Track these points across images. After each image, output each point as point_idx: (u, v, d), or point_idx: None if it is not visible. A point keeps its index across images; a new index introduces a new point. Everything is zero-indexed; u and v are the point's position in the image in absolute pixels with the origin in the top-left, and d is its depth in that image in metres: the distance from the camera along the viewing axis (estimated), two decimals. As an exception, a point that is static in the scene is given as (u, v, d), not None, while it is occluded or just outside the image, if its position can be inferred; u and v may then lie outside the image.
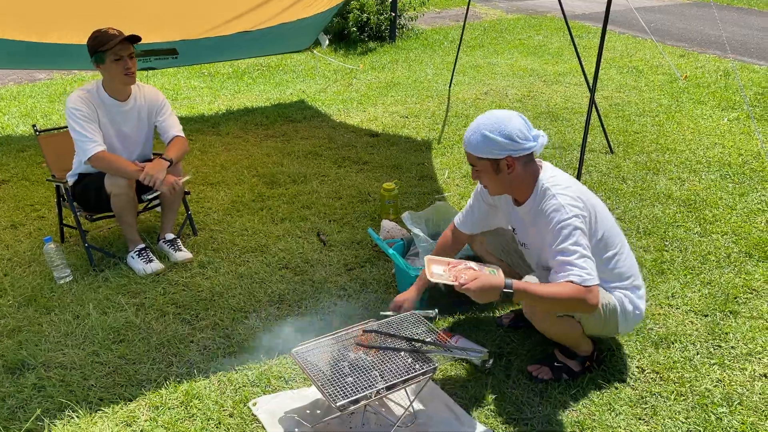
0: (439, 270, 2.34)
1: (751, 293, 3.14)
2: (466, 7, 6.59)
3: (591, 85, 4.29)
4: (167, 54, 5.52)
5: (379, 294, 3.16)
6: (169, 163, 3.25)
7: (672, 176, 4.52)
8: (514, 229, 2.58)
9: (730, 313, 2.98)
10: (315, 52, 8.07)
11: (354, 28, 8.62)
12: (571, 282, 2.13)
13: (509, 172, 2.29)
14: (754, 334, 2.82)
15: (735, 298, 3.09)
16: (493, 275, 2.28)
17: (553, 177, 2.35)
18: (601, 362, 2.60)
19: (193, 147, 5.16)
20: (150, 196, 3.39)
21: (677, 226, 3.82)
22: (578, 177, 4.11)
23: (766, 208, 4.03)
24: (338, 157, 4.93)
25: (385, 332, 2.36)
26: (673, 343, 2.76)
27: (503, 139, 2.21)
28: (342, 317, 2.97)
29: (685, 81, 7.01)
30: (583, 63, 5.27)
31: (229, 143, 5.26)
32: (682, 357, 2.68)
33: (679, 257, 3.48)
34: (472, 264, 2.38)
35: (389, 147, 5.15)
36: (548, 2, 13.26)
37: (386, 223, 3.50)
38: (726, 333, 2.83)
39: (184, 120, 5.80)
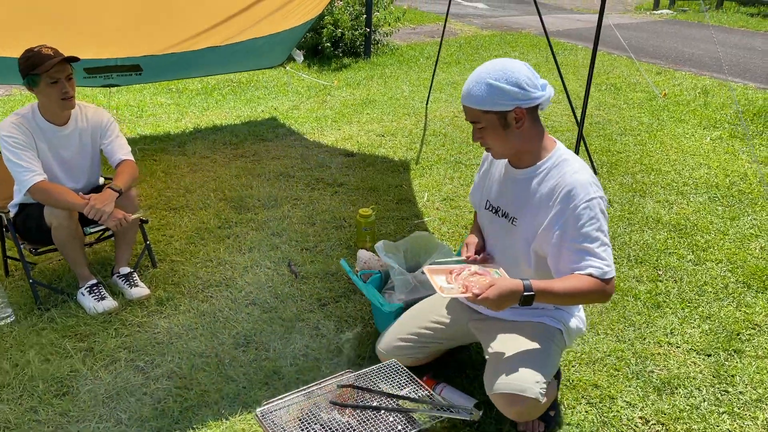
0: (443, 282, 2.04)
1: (754, 329, 2.94)
2: (442, 23, 6.39)
3: (579, 119, 4.14)
4: (130, 70, 5.21)
5: (356, 334, 2.88)
6: (118, 194, 2.93)
7: (659, 199, 4.34)
8: (491, 204, 2.24)
9: (735, 352, 2.77)
10: (287, 68, 7.81)
11: (328, 44, 8.39)
12: (590, 275, 1.93)
13: (518, 127, 1.99)
14: (762, 377, 2.61)
15: (737, 334, 2.89)
16: (508, 279, 1.99)
17: (569, 153, 2.10)
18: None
19: (157, 168, 4.84)
20: (94, 230, 3.07)
21: (669, 253, 3.62)
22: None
23: (758, 233, 3.86)
24: (311, 179, 4.66)
25: (362, 387, 2.09)
26: (677, 389, 2.54)
27: (511, 87, 1.92)
28: (315, 364, 2.69)
29: (665, 98, 6.90)
30: (561, 81, 5.09)
31: (196, 163, 4.96)
32: (688, 405, 2.45)
33: (674, 288, 3.27)
34: (475, 268, 2.10)
35: (365, 168, 4.89)
36: (522, 19, 13.23)
37: (363, 254, 3.23)
38: (732, 376, 2.61)
39: (148, 139, 5.49)
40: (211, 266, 3.46)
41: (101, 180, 3.32)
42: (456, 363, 2.64)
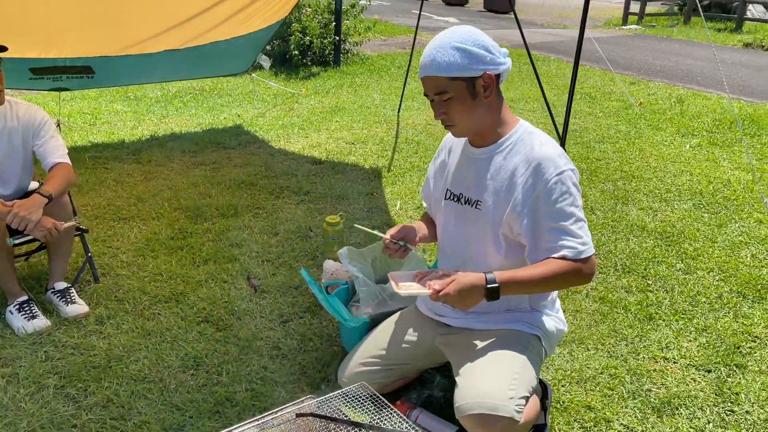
0: (407, 283, 1.86)
1: (755, 341, 2.71)
2: (413, 34, 6.17)
3: (562, 131, 3.96)
4: (81, 72, 4.85)
5: (321, 353, 2.57)
6: (47, 200, 2.57)
7: (643, 206, 4.13)
8: (451, 192, 2.01)
9: (737, 367, 2.53)
10: (254, 75, 7.51)
11: (296, 52, 8.12)
12: (564, 258, 1.75)
13: (486, 96, 1.81)
14: (770, 394, 2.37)
15: (737, 347, 2.66)
16: (470, 273, 1.78)
17: (534, 128, 1.92)
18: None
19: (107, 176, 4.48)
20: (19, 241, 2.70)
21: (658, 262, 3.40)
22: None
23: (748, 240, 3.67)
24: (276, 187, 4.35)
25: (325, 416, 1.78)
26: (677, 409, 2.28)
27: (479, 50, 1.76)
28: (273, 388, 2.37)
29: (640, 107, 6.78)
30: (532, 91, 4.89)
31: (150, 172, 4.61)
32: (691, 427, 2.19)
33: (666, 299, 3.04)
34: (444, 271, 1.87)
35: (334, 175, 4.60)
36: (494, 33, 13.16)
37: (329, 264, 2.93)
38: (736, 393, 2.37)
39: (100, 146, 5.12)
40: (161, 280, 3.12)
41: (34, 185, 2.97)
42: (433, 384, 2.34)
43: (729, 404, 2.32)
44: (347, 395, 1.89)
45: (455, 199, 1.99)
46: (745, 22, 14.19)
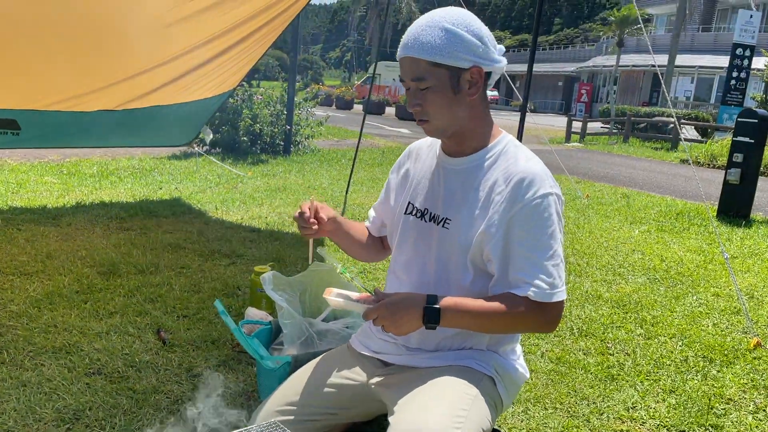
0: (339, 300, 1.54)
1: (728, 403, 2.41)
2: (366, 139, 6.16)
3: None
4: (5, 127, 4.52)
5: (232, 408, 2.14)
6: None
7: (596, 278, 3.93)
8: (415, 207, 1.68)
9: (712, 427, 2.21)
10: (200, 151, 7.30)
11: (245, 138, 8.01)
12: (527, 297, 1.44)
13: (471, 94, 1.52)
14: (755, 455, 2.05)
15: (711, 408, 2.35)
16: (409, 292, 1.49)
17: (520, 143, 1.62)
18: None
19: (19, 235, 4.04)
20: None
21: (616, 327, 3.14)
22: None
23: (708, 311, 3.46)
24: (206, 251, 3.98)
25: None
26: (653, 470, 1.93)
27: (472, 38, 1.47)
28: (167, 442, 1.91)
29: (588, 199, 6.81)
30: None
31: (68, 234, 4.19)
32: (671, 489, 1.83)
33: (628, 361, 2.74)
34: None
35: (272, 242, 4.28)
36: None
37: (252, 312, 2.55)
38: (717, 453, 2.04)
39: (17, 210, 4.71)
40: (54, 332, 2.66)
41: None
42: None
43: (710, 466, 1.98)
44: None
45: (418, 215, 1.68)
46: (680, 143, 15.06)
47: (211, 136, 7.56)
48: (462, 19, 1.50)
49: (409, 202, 1.72)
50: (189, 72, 4.73)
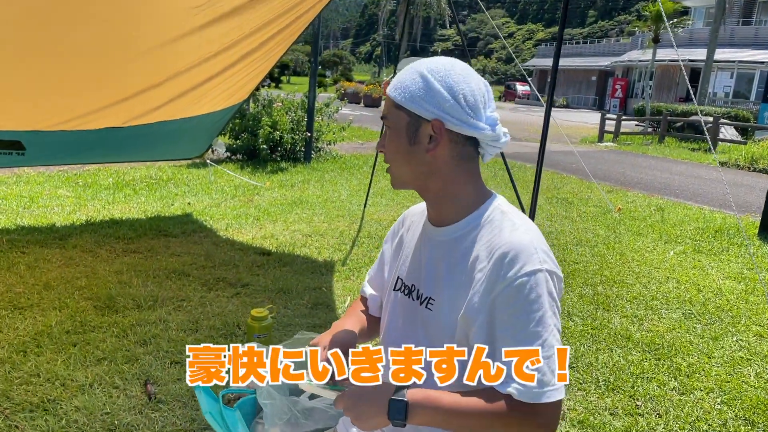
0: (311, 383, 1.31)
1: (775, 485, 2.13)
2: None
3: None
4: (9, 148, 4.40)
5: (212, 487, 1.94)
6: None
7: (626, 313, 3.63)
8: (403, 282, 1.47)
9: None
10: (215, 165, 7.16)
11: (264, 146, 7.84)
12: (510, 395, 1.18)
13: (429, 150, 1.31)
14: None
15: (755, 493, 2.07)
16: (381, 382, 1.24)
17: (511, 207, 1.39)
18: None
19: (20, 261, 3.92)
20: None
21: (647, 378, 2.85)
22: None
23: (750, 356, 3.15)
24: (211, 278, 3.80)
25: None
26: None
27: (440, 89, 1.28)
28: None
29: (619, 213, 6.45)
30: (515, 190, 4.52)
31: (72, 258, 4.05)
32: None
33: (659, 424, 2.46)
34: None
35: (280, 267, 4.08)
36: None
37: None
38: None
39: (25, 230, 4.60)
40: (35, 383, 2.50)
41: None
42: None
43: None
44: None
45: (406, 292, 1.46)
46: (718, 143, 14.45)
47: (224, 149, 7.41)
48: (444, 69, 1.31)
49: (398, 277, 1.50)
50: (197, 86, 4.55)
